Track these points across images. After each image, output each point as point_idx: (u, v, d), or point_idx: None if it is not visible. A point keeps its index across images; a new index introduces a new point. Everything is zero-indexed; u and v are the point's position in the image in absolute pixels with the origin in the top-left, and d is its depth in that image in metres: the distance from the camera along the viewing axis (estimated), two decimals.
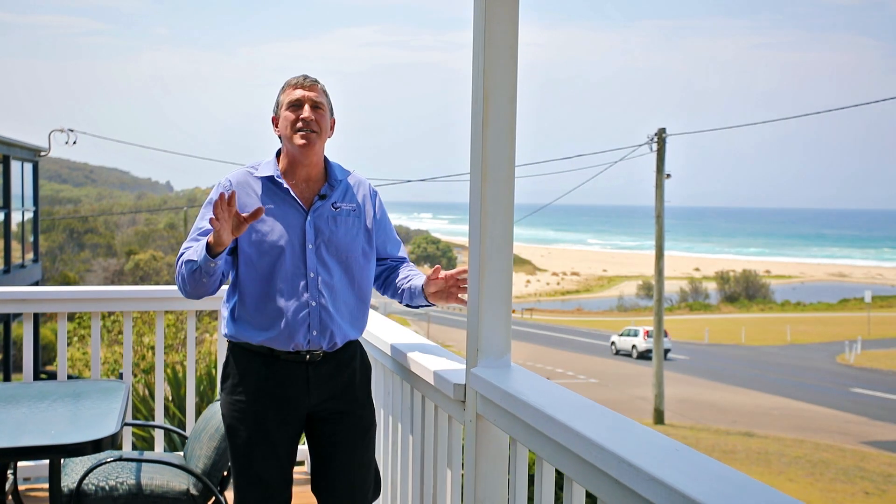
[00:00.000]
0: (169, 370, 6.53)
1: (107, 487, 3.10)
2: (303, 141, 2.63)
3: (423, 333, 45.77)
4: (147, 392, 6.74)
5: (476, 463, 2.29)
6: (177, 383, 6.59)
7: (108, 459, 3.16)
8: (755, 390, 30.80)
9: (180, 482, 3.18)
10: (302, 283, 2.63)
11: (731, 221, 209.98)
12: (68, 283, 51.33)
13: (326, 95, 2.72)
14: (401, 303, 2.88)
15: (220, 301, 4.35)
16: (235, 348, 2.73)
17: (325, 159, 2.77)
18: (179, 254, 2.63)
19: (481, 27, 2.24)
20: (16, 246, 16.00)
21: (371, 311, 3.09)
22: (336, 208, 2.70)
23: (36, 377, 14.87)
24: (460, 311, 67.61)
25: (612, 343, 41.58)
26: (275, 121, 2.74)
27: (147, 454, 3.46)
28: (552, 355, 39.62)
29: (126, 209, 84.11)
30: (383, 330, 3.26)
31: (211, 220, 2.40)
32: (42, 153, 16.96)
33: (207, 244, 2.49)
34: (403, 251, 2.91)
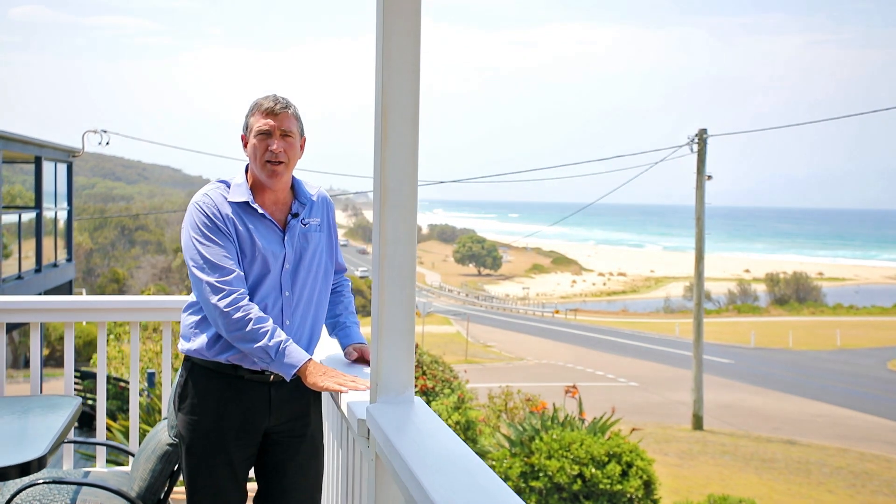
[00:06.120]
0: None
1: None
2: (271, 172, 2.65)
3: (464, 332, 45.65)
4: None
5: None
6: None
7: (41, 481, 3.10)
8: (800, 396, 30.03)
9: None
10: (277, 304, 2.67)
11: (785, 222, 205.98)
12: (117, 280, 52.34)
13: (297, 119, 2.72)
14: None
15: (163, 312, 4.31)
16: (195, 368, 2.71)
17: (292, 177, 2.79)
18: (241, 302, 2.56)
19: (380, 42, 2.10)
20: (50, 245, 16.28)
21: None
22: (305, 225, 2.74)
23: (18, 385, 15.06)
24: (503, 310, 67.45)
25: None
26: (244, 140, 2.72)
27: (92, 475, 3.40)
28: (593, 357, 39.18)
29: (177, 206, 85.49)
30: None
31: (336, 390, 2.50)
32: (76, 154, 17.24)
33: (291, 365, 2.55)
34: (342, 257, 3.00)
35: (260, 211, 2.67)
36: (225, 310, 2.52)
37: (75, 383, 16.58)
